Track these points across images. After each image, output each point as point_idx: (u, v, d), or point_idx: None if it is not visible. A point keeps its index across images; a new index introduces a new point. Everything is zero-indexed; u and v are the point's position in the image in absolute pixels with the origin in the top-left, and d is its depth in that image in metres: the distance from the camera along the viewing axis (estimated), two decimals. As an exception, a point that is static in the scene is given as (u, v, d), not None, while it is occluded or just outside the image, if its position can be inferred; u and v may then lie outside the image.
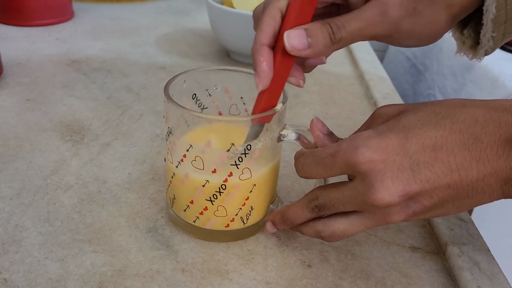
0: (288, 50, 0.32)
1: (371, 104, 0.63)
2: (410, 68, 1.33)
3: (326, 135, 0.34)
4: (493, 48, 0.39)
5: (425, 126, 0.28)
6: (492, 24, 0.36)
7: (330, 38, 0.32)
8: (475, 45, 0.40)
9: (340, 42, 0.32)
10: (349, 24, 0.32)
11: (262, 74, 0.32)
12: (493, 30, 0.37)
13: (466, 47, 0.41)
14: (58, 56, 0.69)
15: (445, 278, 0.36)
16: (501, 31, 0.37)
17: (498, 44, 0.38)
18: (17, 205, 0.39)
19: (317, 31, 0.32)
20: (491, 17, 0.36)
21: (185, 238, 0.37)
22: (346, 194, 0.30)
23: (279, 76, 0.33)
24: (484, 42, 0.38)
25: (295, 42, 0.31)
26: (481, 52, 0.40)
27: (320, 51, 0.32)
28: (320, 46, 0.32)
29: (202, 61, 0.71)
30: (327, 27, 0.32)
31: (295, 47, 0.32)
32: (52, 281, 0.33)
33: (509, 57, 1.06)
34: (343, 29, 0.32)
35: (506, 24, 0.36)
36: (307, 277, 0.35)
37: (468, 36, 0.40)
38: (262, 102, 0.34)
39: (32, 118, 0.52)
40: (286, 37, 0.31)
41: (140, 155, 0.47)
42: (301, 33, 0.32)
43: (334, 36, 0.32)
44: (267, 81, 0.32)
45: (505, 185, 0.27)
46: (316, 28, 0.32)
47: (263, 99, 0.33)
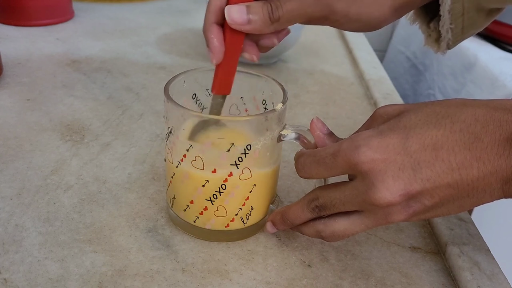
0: (229, 24, 0.34)
1: (371, 104, 0.63)
2: (410, 68, 1.33)
3: (326, 135, 0.34)
4: (453, 41, 0.40)
5: (425, 125, 0.28)
6: (449, 16, 0.38)
7: (269, 16, 0.34)
8: (439, 38, 0.41)
9: (279, 21, 0.35)
10: (286, 4, 0.34)
11: (214, 50, 0.35)
12: (450, 22, 0.38)
13: (431, 40, 0.42)
14: (58, 56, 0.69)
15: (445, 278, 0.36)
16: (460, 24, 0.38)
17: (459, 37, 0.40)
18: (17, 205, 0.39)
19: (258, 8, 0.34)
20: (447, 8, 0.37)
21: (185, 238, 0.37)
22: (347, 193, 0.30)
23: (231, 51, 0.36)
24: (443, 34, 0.40)
25: (235, 16, 0.34)
26: (443, 45, 0.41)
27: (260, 27, 0.35)
28: (260, 22, 0.34)
29: (202, 61, 0.71)
30: (268, 6, 0.34)
31: (235, 20, 0.34)
32: (52, 281, 0.33)
33: (509, 57, 1.06)
34: (280, 9, 0.34)
35: (464, 16, 0.38)
36: (307, 277, 0.35)
37: (433, 29, 0.42)
38: (219, 75, 0.36)
39: (32, 118, 0.52)
40: (227, 11, 0.34)
41: (140, 155, 0.47)
42: (241, 8, 0.34)
43: (273, 15, 0.34)
44: (220, 55, 0.35)
45: (506, 184, 0.27)
46: (257, 6, 0.34)
47: (219, 71, 0.36)
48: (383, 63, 1.37)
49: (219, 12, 0.35)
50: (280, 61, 0.74)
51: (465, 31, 0.39)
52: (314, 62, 0.75)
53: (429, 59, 1.23)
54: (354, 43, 0.82)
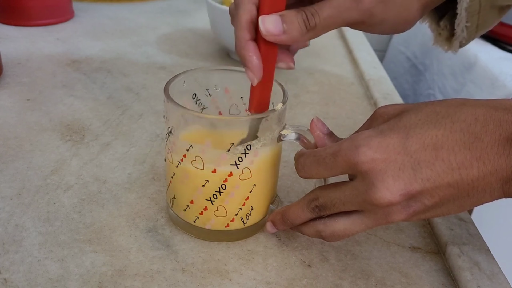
0: (263, 35, 0.32)
1: (371, 104, 0.63)
2: (410, 68, 1.33)
3: (326, 135, 0.34)
4: (467, 39, 0.40)
5: (425, 125, 0.28)
6: (466, 14, 0.37)
7: (305, 25, 0.33)
8: (450, 36, 0.41)
9: (315, 29, 0.33)
10: (322, 11, 0.33)
11: (254, 68, 0.33)
12: (467, 20, 0.38)
13: (442, 38, 0.42)
14: (58, 56, 0.69)
15: (445, 278, 0.36)
16: (475, 22, 0.38)
17: (472, 35, 0.40)
18: (17, 205, 0.39)
19: (292, 17, 0.33)
20: (465, 6, 0.37)
21: (185, 238, 0.37)
22: (347, 193, 0.30)
23: (267, 66, 0.34)
24: (458, 33, 0.39)
25: (270, 27, 0.32)
26: (456, 43, 0.41)
27: (296, 37, 0.33)
28: (295, 32, 0.33)
29: (202, 61, 0.71)
30: (302, 14, 0.33)
31: (270, 31, 0.32)
32: (52, 281, 0.33)
33: (509, 57, 1.06)
34: (316, 16, 0.33)
35: (479, 14, 0.37)
36: (307, 277, 0.35)
37: (444, 28, 0.41)
38: (257, 94, 0.34)
39: (32, 118, 0.52)
40: (261, 22, 0.32)
41: (140, 155, 0.47)
42: (276, 18, 0.32)
43: (309, 23, 0.33)
44: (261, 73, 0.33)
45: (506, 184, 0.27)
46: (291, 15, 0.33)
47: (257, 91, 0.34)
48: (383, 63, 1.37)
49: (251, 27, 0.33)
50: (280, 61, 0.73)
51: (479, 29, 0.39)
52: (314, 62, 0.75)
53: (429, 59, 1.23)
54: (354, 43, 0.82)
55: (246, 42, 0.33)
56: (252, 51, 0.33)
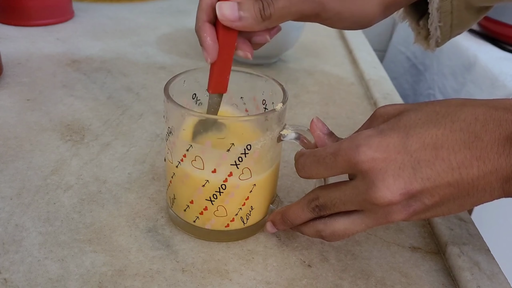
0: (220, 20, 0.34)
1: (371, 104, 0.63)
2: (410, 68, 1.33)
3: (326, 134, 0.34)
4: (442, 38, 0.41)
5: (425, 125, 0.28)
6: (437, 14, 0.38)
7: (260, 14, 0.34)
8: (428, 36, 0.42)
9: (270, 18, 0.34)
10: (277, 1, 0.34)
11: (208, 48, 0.34)
12: (439, 19, 0.39)
13: (421, 37, 0.43)
14: (58, 56, 0.69)
15: (445, 278, 0.36)
16: (448, 21, 0.39)
17: (447, 35, 0.40)
18: (17, 205, 0.39)
19: (249, 5, 0.34)
20: (436, 6, 0.38)
21: (185, 238, 0.37)
22: (347, 193, 0.30)
23: (225, 48, 0.35)
24: (432, 32, 0.40)
25: (226, 12, 0.33)
26: (432, 42, 0.42)
27: (251, 24, 0.34)
28: (251, 20, 0.34)
29: (202, 61, 0.71)
30: (259, 3, 0.34)
31: (226, 16, 0.33)
32: (52, 281, 0.33)
33: (509, 57, 1.06)
34: (272, 6, 0.34)
35: (452, 14, 0.38)
36: (307, 277, 0.35)
37: (423, 27, 0.42)
38: (214, 73, 0.36)
39: (32, 118, 0.52)
40: (218, 8, 0.34)
41: (140, 155, 0.47)
42: (233, 5, 0.34)
43: (264, 12, 0.34)
44: (214, 53, 0.35)
45: (506, 183, 0.27)
46: (248, 3, 0.34)
47: (214, 70, 0.36)
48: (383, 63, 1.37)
49: (210, 10, 0.35)
50: (280, 61, 0.74)
51: (454, 29, 0.40)
52: (314, 62, 0.75)
53: (429, 59, 1.23)
54: (354, 43, 0.82)
55: (203, 23, 0.35)
56: (207, 32, 0.34)
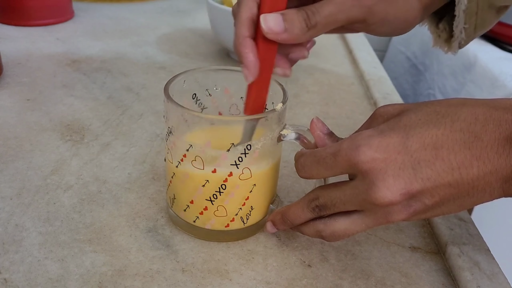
0: (265, 33, 0.32)
1: (371, 104, 0.63)
2: (410, 68, 1.33)
3: (326, 135, 0.34)
4: (466, 40, 0.40)
5: (425, 125, 0.28)
6: (464, 15, 0.38)
7: (305, 23, 0.33)
8: (449, 38, 0.42)
9: (316, 27, 0.33)
10: (323, 9, 0.33)
11: (250, 65, 0.33)
12: (465, 21, 0.38)
13: (441, 40, 0.42)
14: (58, 56, 0.69)
15: (445, 278, 0.36)
16: (473, 23, 0.38)
17: (471, 36, 0.40)
18: (17, 205, 0.39)
19: (293, 16, 0.33)
20: (463, 8, 0.37)
21: (185, 238, 0.37)
22: (347, 193, 0.30)
23: (265, 66, 0.33)
24: (457, 34, 0.40)
25: (271, 24, 0.32)
26: (455, 44, 0.41)
27: (297, 35, 0.33)
28: (296, 30, 0.33)
29: (202, 61, 0.71)
30: (303, 12, 0.33)
31: (271, 29, 0.32)
32: (52, 281, 0.33)
33: (509, 57, 1.06)
34: (317, 14, 0.33)
35: (477, 15, 0.38)
36: (307, 277, 0.35)
37: (443, 30, 0.42)
38: (253, 93, 0.34)
39: (32, 118, 0.52)
40: (263, 20, 0.32)
41: (140, 155, 0.47)
42: (277, 16, 0.32)
43: (310, 21, 0.33)
44: (256, 71, 0.33)
45: (506, 183, 0.27)
46: (292, 13, 0.33)
47: (253, 90, 0.34)
48: (383, 63, 1.37)
49: (251, 24, 0.33)
50: (280, 61, 0.74)
51: (477, 30, 0.39)
52: (314, 62, 0.75)
53: (429, 59, 1.23)
54: (354, 43, 0.82)
55: (244, 39, 0.33)
56: (248, 48, 0.33)
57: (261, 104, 0.35)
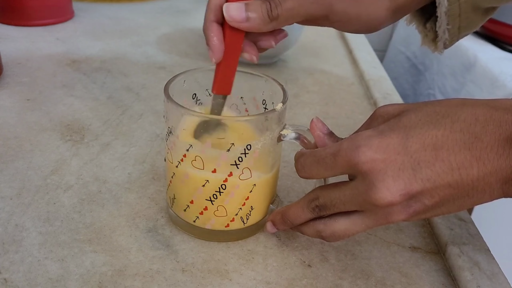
0: (227, 21, 0.34)
1: (371, 104, 0.63)
2: (410, 68, 1.33)
3: (326, 135, 0.34)
4: (450, 41, 0.41)
5: (425, 125, 0.28)
6: (446, 17, 0.38)
7: (268, 14, 0.34)
8: (435, 38, 0.42)
9: (277, 19, 0.35)
10: (285, 2, 0.34)
11: (214, 48, 0.35)
12: (447, 22, 0.38)
13: (428, 40, 0.43)
14: (58, 56, 0.69)
15: (445, 278, 0.36)
16: (456, 24, 0.39)
17: (455, 37, 0.40)
18: (17, 205, 0.39)
19: (256, 6, 0.34)
20: (444, 10, 0.38)
21: (185, 238, 0.37)
22: (347, 193, 0.30)
23: (231, 50, 0.35)
24: (440, 35, 0.40)
25: (233, 13, 0.34)
26: (440, 44, 0.42)
27: (258, 25, 0.34)
28: (258, 20, 0.34)
29: (202, 61, 0.71)
30: (266, 4, 0.34)
31: (233, 17, 0.34)
32: (52, 281, 0.33)
33: (509, 57, 1.06)
34: (279, 7, 0.34)
35: (460, 17, 0.38)
36: (307, 277, 0.35)
37: (430, 29, 0.42)
38: (219, 74, 0.36)
39: (32, 118, 0.52)
40: (225, 9, 0.34)
41: (140, 155, 0.47)
42: (240, 6, 0.34)
43: (272, 13, 0.34)
44: (220, 53, 0.35)
45: (505, 184, 0.27)
46: (256, 4, 0.34)
47: (219, 70, 0.36)
48: (383, 63, 1.37)
49: (219, 10, 0.35)
50: (280, 61, 0.74)
51: (462, 31, 0.40)
52: (314, 62, 0.75)
53: (429, 59, 1.23)
54: (354, 43, 0.82)
55: (210, 23, 0.35)
56: (214, 32, 0.35)
57: (228, 85, 0.37)
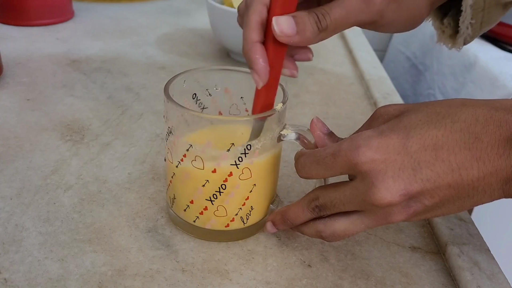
0: (277, 36, 0.32)
1: (371, 104, 0.63)
2: (410, 68, 1.33)
3: (326, 135, 0.34)
4: (472, 36, 0.40)
5: (426, 125, 0.28)
6: (471, 11, 0.38)
7: (317, 26, 0.33)
8: (454, 34, 0.41)
9: (326, 30, 0.33)
10: (333, 12, 0.33)
11: (260, 71, 0.32)
12: (472, 16, 0.38)
13: (445, 36, 0.42)
14: (58, 56, 0.69)
15: (445, 278, 0.36)
16: (479, 18, 0.38)
17: (477, 32, 0.40)
18: (17, 205, 0.39)
19: (304, 18, 0.32)
20: (470, 3, 0.37)
21: (185, 238, 0.37)
22: (347, 194, 0.30)
23: (273, 69, 0.33)
24: (463, 30, 0.39)
25: (284, 27, 0.32)
26: (460, 40, 0.41)
27: (309, 38, 0.33)
28: (308, 33, 0.32)
29: (202, 61, 0.71)
30: (313, 15, 0.33)
31: (284, 32, 0.32)
32: (52, 281, 0.33)
33: (509, 57, 1.06)
34: (327, 17, 0.33)
35: (484, 11, 0.38)
36: (307, 277, 0.35)
37: (447, 25, 0.42)
38: (262, 98, 0.34)
39: (32, 118, 0.52)
40: (275, 23, 0.32)
41: (140, 155, 0.47)
42: (289, 19, 0.32)
43: (320, 24, 0.33)
44: (266, 76, 0.33)
45: (506, 184, 0.27)
46: (303, 16, 0.32)
47: (262, 94, 0.34)
48: (383, 63, 1.37)
49: (260, 29, 0.33)
50: (280, 61, 0.73)
51: (483, 26, 0.39)
52: (314, 62, 0.75)
53: (429, 59, 1.23)
54: (354, 43, 0.82)
55: (253, 44, 0.33)
56: (259, 54, 0.32)
57: (269, 105, 0.35)
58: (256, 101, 0.34)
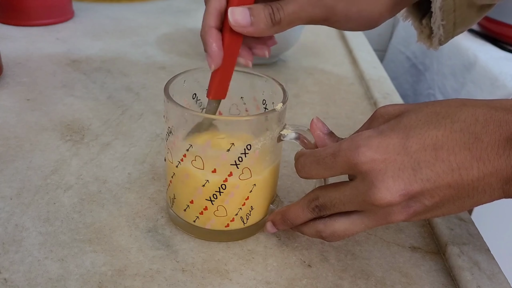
0: (232, 25, 0.34)
1: (371, 104, 0.63)
2: (410, 68, 1.33)
3: (326, 135, 0.34)
4: (445, 37, 0.41)
5: (426, 125, 0.28)
6: (440, 13, 0.38)
7: (270, 19, 0.34)
8: (431, 34, 0.42)
9: (280, 23, 0.35)
10: (287, 6, 0.34)
11: (213, 55, 0.34)
12: (442, 18, 0.39)
13: (424, 36, 0.43)
14: (58, 56, 0.69)
15: (445, 278, 0.36)
16: (451, 20, 0.39)
17: (450, 33, 0.40)
18: (17, 205, 0.39)
19: (259, 10, 0.34)
20: (439, 5, 0.38)
21: (185, 238, 0.37)
22: (347, 194, 0.30)
23: (229, 55, 0.35)
24: (435, 31, 0.40)
25: (239, 17, 0.34)
26: (435, 41, 0.42)
27: (262, 30, 0.34)
28: (262, 25, 0.34)
29: (202, 61, 0.71)
30: (269, 8, 0.34)
31: (238, 22, 0.34)
32: (52, 281, 0.33)
33: (509, 57, 1.06)
34: (281, 11, 0.34)
35: (455, 13, 0.38)
36: (307, 277, 0.35)
37: (425, 26, 0.42)
38: (216, 80, 0.36)
39: (32, 118, 0.52)
40: (231, 13, 0.34)
41: (140, 155, 0.47)
42: (244, 10, 0.34)
43: (274, 17, 0.34)
44: (219, 60, 0.35)
45: (506, 184, 0.27)
46: (258, 8, 0.34)
47: (216, 77, 0.36)
48: (383, 63, 1.37)
49: (218, 16, 0.35)
50: (280, 61, 0.74)
51: (457, 27, 0.40)
52: (314, 62, 0.75)
53: (429, 59, 1.23)
54: (354, 43, 0.82)
55: (209, 28, 0.35)
56: (213, 38, 0.34)
57: (224, 90, 0.36)
58: (210, 84, 0.36)
